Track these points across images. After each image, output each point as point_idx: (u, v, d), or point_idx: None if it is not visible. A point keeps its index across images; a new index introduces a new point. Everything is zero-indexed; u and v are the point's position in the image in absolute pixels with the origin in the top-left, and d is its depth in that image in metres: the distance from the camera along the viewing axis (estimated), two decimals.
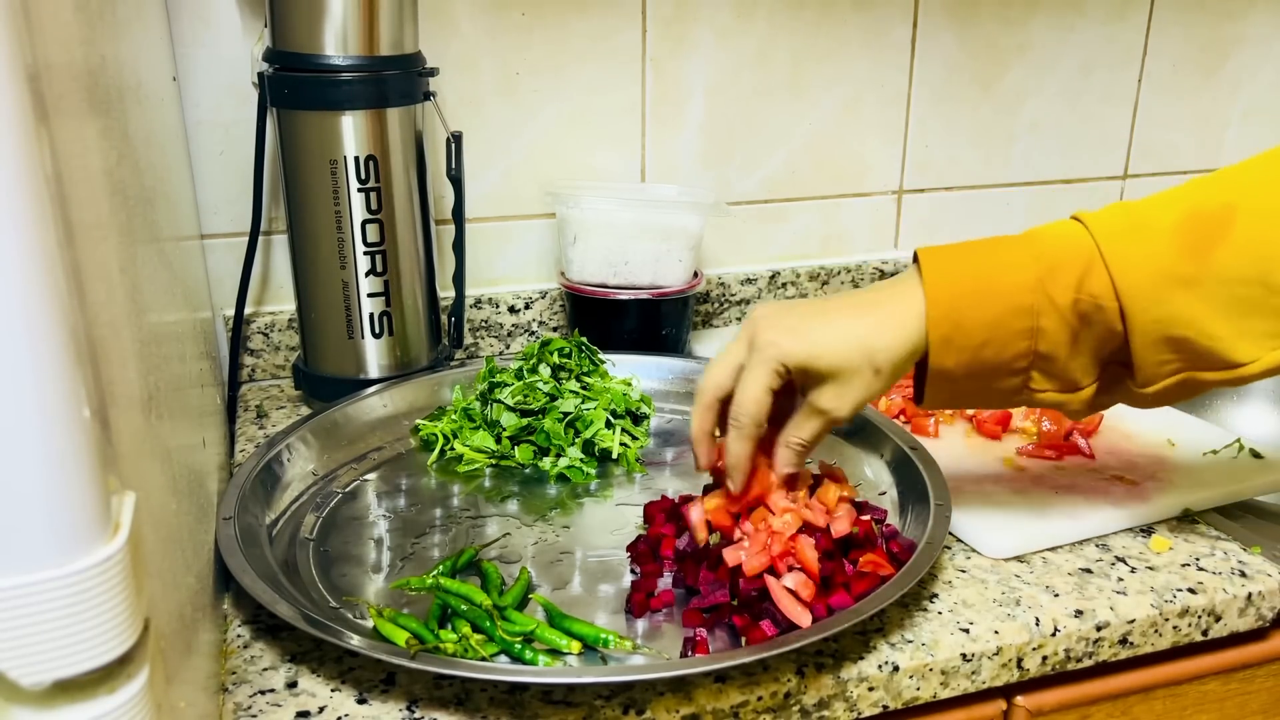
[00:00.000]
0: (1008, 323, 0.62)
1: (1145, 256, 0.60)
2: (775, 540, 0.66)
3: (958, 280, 0.63)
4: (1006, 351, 0.63)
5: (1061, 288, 0.62)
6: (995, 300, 0.62)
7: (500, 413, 0.88)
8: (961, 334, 0.62)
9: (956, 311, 0.62)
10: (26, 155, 0.30)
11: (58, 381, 0.31)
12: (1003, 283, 0.62)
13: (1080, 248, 0.62)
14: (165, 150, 0.76)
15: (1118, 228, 0.62)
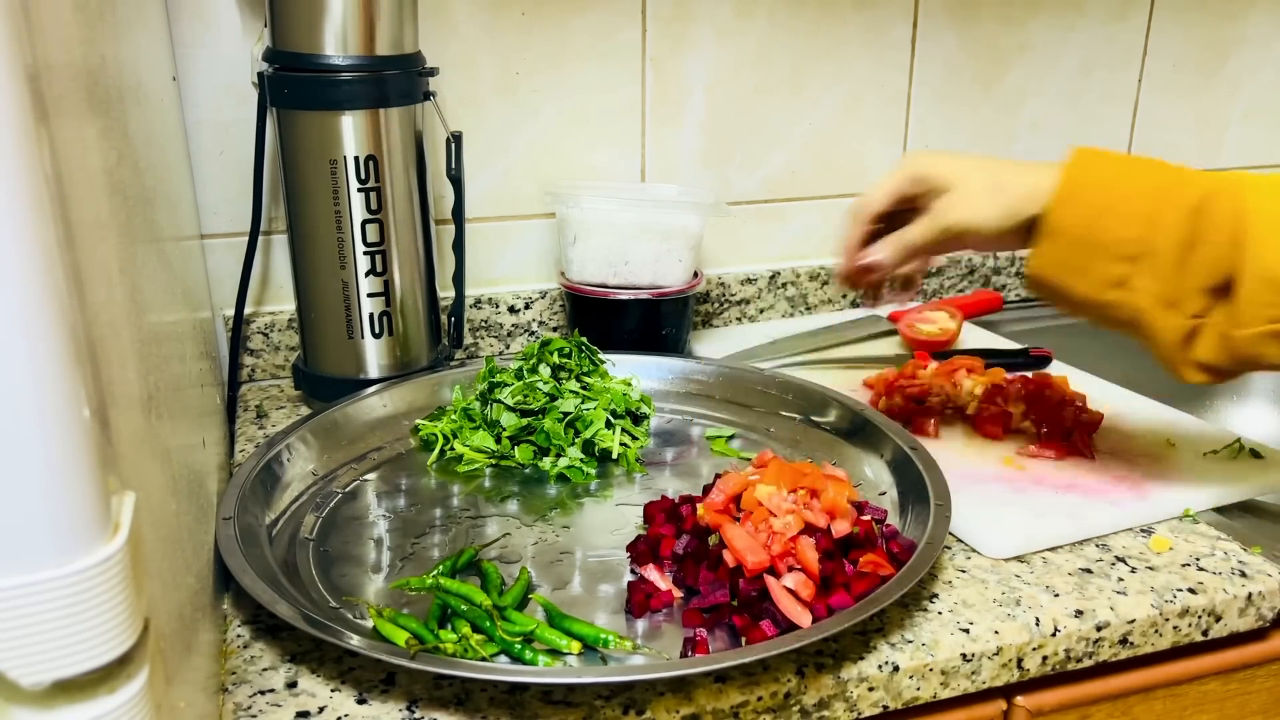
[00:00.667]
0: (1130, 201, 0.66)
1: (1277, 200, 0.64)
2: (775, 540, 0.66)
3: (1098, 157, 0.69)
4: (1121, 231, 0.66)
5: (1192, 188, 0.65)
6: (1126, 179, 0.67)
7: (500, 413, 0.88)
8: (1085, 193, 0.67)
9: (1086, 174, 0.68)
10: (26, 155, 0.30)
11: (57, 381, 0.31)
12: (1137, 171, 0.68)
13: (1223, 177, 0.66)
14: (165, 150, 0.76)
15: (1263, 179, 0.66)
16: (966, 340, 1.15)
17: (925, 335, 1.12)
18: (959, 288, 1.33)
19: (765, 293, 1.24)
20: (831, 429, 0.90)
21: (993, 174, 0.71)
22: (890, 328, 1.18)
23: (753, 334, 1.17)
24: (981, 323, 1.24)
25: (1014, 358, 1.08)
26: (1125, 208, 0.66)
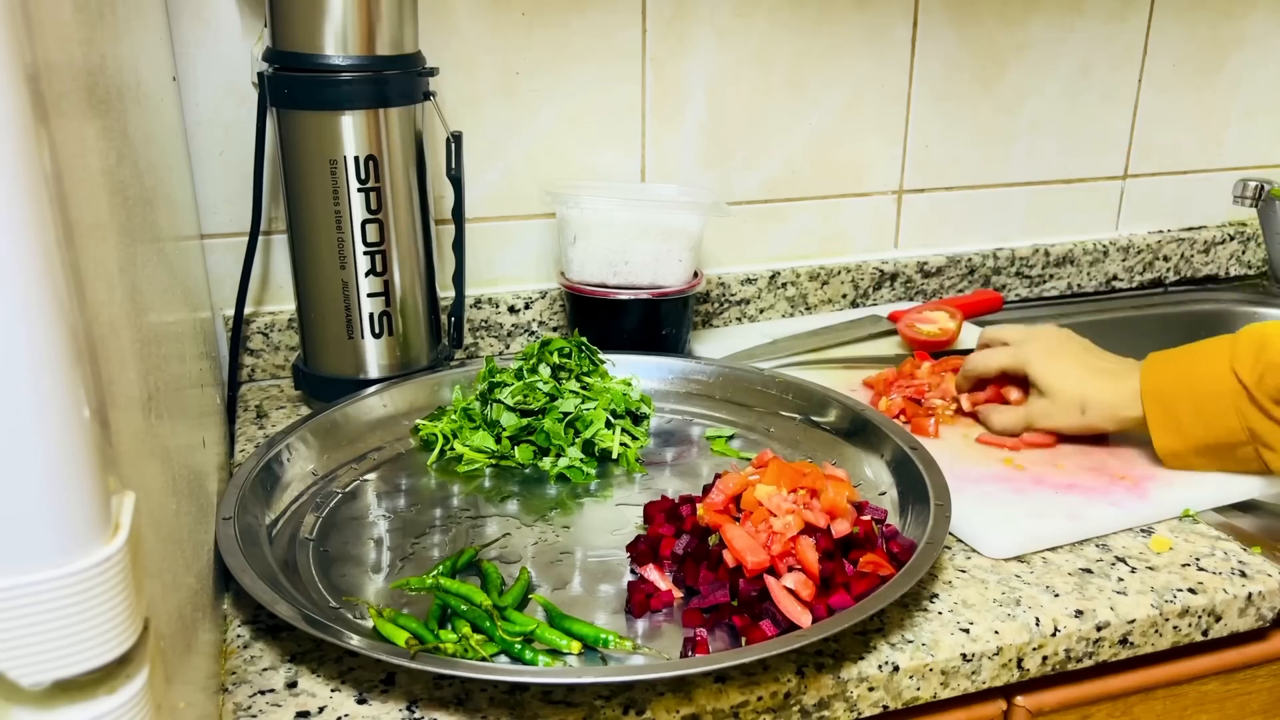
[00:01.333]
0: (1210, 403, 0.77)
1: None
2: (775, 540, 0.66)
3: (1165, 368, 0.81)
4: (1220, 427, 0.77)
5: (1246, 366, 0.75)
6: (1194, 381, 0.78)
7: (500, 413, 0.88)
8: (1172, 419, 0.79)
9: (1165, 395, 0.80)
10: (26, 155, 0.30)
11: (58, 381, 0.31)
12: (1200, 369, 0.78)
13: (1261, 332, 0.76)
14: (165, 150, 0.76)
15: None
16: (966, 340, 1.15)
17: (925, 335, 1.12)
18: (959, 288, 1.33)
19: (765, 293, 1.24)
20: (831, 429, 0.90)
21: (1083, 394, 0.84)
22: (890, 328, 1.18)
23: (753, 334, 1.17)
24: (981, 322, 1.24)
25: None
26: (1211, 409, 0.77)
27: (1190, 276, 1.44)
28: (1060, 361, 0.86)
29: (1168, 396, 0.80)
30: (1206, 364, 0.78)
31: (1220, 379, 0.77)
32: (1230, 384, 0.76)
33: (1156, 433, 0.80)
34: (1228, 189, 1.35)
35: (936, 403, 0.95)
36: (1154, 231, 1.41)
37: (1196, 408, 0.78)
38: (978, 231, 1.33)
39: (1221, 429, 0.77)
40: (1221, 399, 0.77)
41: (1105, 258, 1.38)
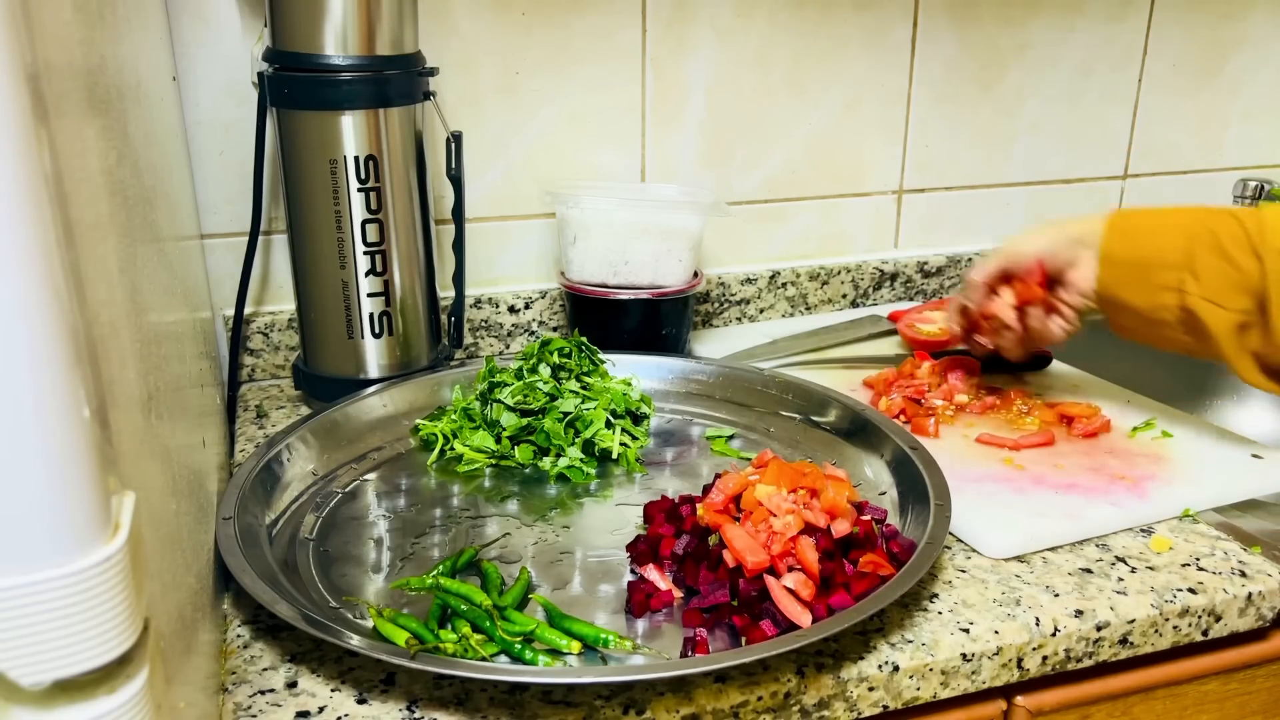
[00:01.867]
0: (1165, 221, 0.81)
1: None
2: (775, 540, 0.66)
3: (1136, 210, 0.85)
4: (1163, 244, 0.79)
5: (1221, 213, 0.79)
6: (1160, 213, 0.82)
7: (500, 413, 0.88)
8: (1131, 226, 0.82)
9: (1130, 216, 0.84)
10: (26, 155, 0.30)
11: (57, 381, 0.31)
12: (1171, 209, 0.82)
13: (1246, 209, 0.79)
14: (165, 150, 0.76)
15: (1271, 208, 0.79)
16: None
17: (925, 335, 1.12)
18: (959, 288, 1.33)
19: (765, 293, 1.24)
20: (831, 429, 0.90)
21: (1049, 221, 0.88)
22: (890, 328, 1.18)
23: (753, 334, 1.17)
24: None
25: None
26: (1166, 229, 0.80)
27: None
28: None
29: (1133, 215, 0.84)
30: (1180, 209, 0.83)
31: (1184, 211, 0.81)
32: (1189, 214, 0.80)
33: (1107, 233, 0.83)
34: (1228, 189, 1.35)
35: (936, 403, 0.95)
36: None
37: (1151, 225, 0.82)
38: (978, 231, 1.33)
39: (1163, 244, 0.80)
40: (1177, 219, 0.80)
41: None
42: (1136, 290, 0.82)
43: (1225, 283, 0.77)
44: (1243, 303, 0.77)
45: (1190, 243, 0.78)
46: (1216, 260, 0.77)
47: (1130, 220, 0.83)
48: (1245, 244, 0.77)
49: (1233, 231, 0.77)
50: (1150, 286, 0.81)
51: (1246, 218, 0.78)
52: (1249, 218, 0.78)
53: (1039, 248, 0.87)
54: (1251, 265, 0.76)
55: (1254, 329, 0.78)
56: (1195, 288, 0.78)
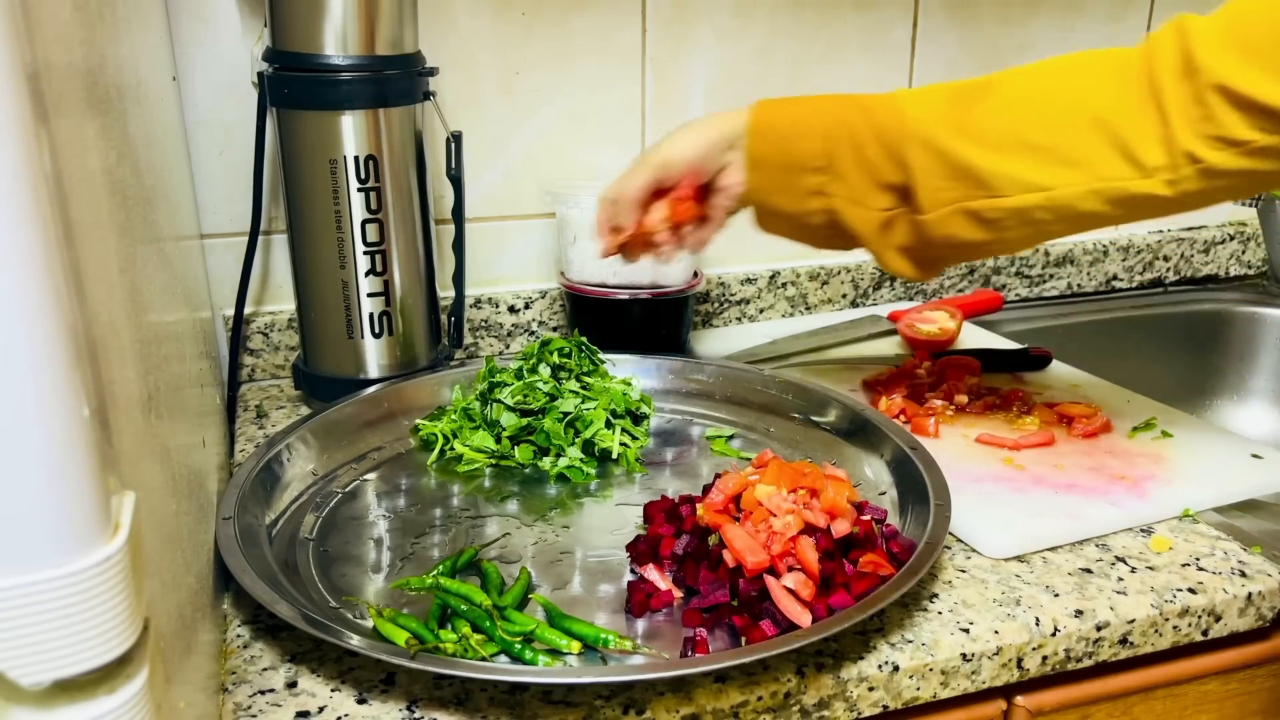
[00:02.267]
0: (806, 121, 0.78)
1: (926, 103, 0.75)
2: (775, 540, 0.66)
3: (780, 100, 0.81)
4: (806, 147, 0.77)
5: (858, 107, 0.77)
6: (801, 107, 0.79)
7: (500, 412, 0.88)
8: (772, 126, 0.79)
9: (771, 112, 0.80)
10: (26, 155, 0.30)
11: (57, 381, 0.31)
12: (813, 101, 0.80)
13: (881, 95, 0.78)
14: (165, 150, 0.76)
15: (911, 90, 0.78)
16: (966, 340, 1.15)
17: (925, 335, 1.12)
18: (959, 287, 1.33)
19: (765, 293, 1.24)
20: (831, 429, 0.90)
21: (697, 120, 0.82)
22: (890, 328, 1.18)
23: (753, 334, 1.17)
24: (981, 322, 1.24)
25: (1013, 358, 1.08)
26: (806, 129, 0.77)
27: (1190, 276, 1.44)
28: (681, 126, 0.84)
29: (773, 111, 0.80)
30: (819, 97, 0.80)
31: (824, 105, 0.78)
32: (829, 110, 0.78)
33: (751, 135, 0.79)
34: None
35: (936, 403, 0.95)
36: (1154, 231, 1.41)
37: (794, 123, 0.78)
38: None
39: (806, 148, 0.77)
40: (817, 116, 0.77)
41: (1105, 257, 1.38)
42: (784, 195, 0.79)
43: (867, 183, 0.76)
44: (885, 201, 0.76)
45: (831, 144, 0.76)
46: (857, 160, 0.75)
47: (773, 117, 0.79)
48: (884, 140, 0.75)
49: (872, 126, 0.75)
50: (796, 191, 0.78)
51: (883, 111, 0.76)
52: (886, 110, 0.76)
53: (690, 158, 0.81)
54: (892, 162, 0.75)
55: (899, 223, 0.77)
56: (839, 189, 0.76)
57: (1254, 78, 0.62)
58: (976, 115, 0.72)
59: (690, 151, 0.81)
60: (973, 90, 0.73)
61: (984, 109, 0.72)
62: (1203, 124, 0.64)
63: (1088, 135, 0.68)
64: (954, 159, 0.72)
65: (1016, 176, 0.70)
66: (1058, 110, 0.70)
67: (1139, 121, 0.66)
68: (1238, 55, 0.63)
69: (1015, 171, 0.70)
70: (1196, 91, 0.64)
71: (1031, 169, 0.70)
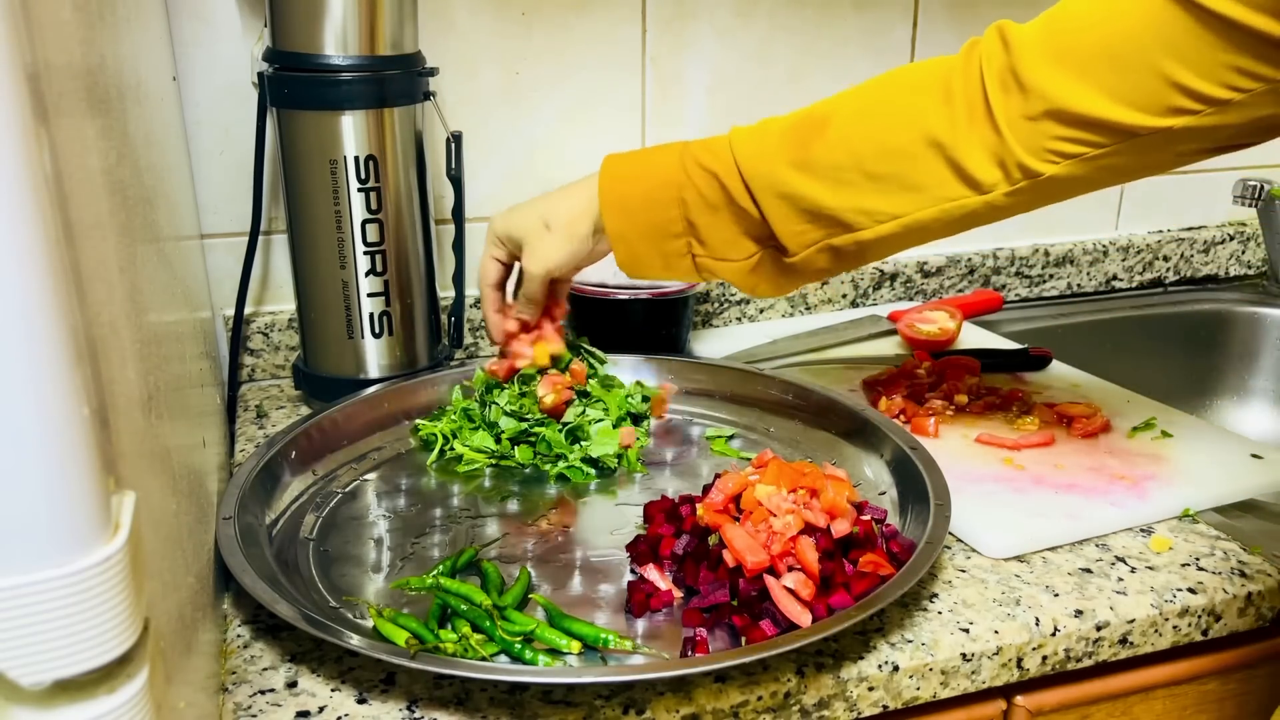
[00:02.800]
0: (659, 193, 0.77)
1: (763, 145, 0.74)
2: (775, 540, 0.66)
3: (622, 165, 0.80)
4: (663, 216, 0.77)
5: (696, 167, 0.76)
6: (649, 176, 0.78)
7: (498, 415, 0.88)
8: (624, 202, 0.78)
9: (621, 183, 0.79)
10: (26, 155, 0.30)
11: (58, 381, 0.31)
12: (655, 164, 0.78)
13: (716, 143, 0.76)
14: (165, 150, 0.76)
15: (745, 130, 0.76)
16: (966, 340, 1.15)
17: (925, 335, 1.12)
18: (959, 288, 1.33)
19: None
20: (831, 429, 0.90)
21: (539, 213, 0.82)
22: (890, 328, 1.18)
23: (753, 334, 1.17)
24: (981, 322, 1.24)
25: (1013, 358, 1.08)
26: (658, 199, 0.77)
27: (1190, 276, 1.44)
28: (521, 206, 0.84)
29: (623, 182, 0.79)
30: (661, 156, 0.78)
31: (670, 169, 0.77)
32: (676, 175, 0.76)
33: (607, 213, 0.78)
34: (1227, 189, 1.35)
35: (936, 403, 0.95)
36: (1154, 231, 1.41)
37: (646, 196, 0.77)
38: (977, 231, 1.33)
39: (663, 217, 0.77)
40: (668, 189, 0.76)
41: (1105, 257, 1.38)
42: (653, 258, 0.79)
43: (729, 239, 0.76)
44: (749, 249, 0.77)
45: (685, 210, 0.76)
46: (714, 221, 0.76)
47: (622, 190, 0.78)
48: (733, 196, 0.74)
49: (720, 183, 0.75)
50: (664, 254, 0.78)
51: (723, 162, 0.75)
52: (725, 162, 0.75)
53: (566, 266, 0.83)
54: (747, 215, 0.75)
55: (764, 262, 0.77)
56: (703, 250, 0.77)
57: (1080, 93, 0.62)
58: (816, 151, 0.72)
59: (565, 256, 0.82)
60: (807, 124, 0.73)
61: (822, 144, 0.72)
62: (1035, 139, 0.65)
63: (924, 159, 0.69)
64: (805, 202, 0.72)
65: (868, 209, 0.71)
66: (892, 136, 0.70)
67: (970, 139, 0.67)
68: (1062, 70, 0.63)
69: (865, 204, 0.71)
70: (1026, 109, 0.64)
71: (880, 199, 0.71)
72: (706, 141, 0.77)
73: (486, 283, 0.87)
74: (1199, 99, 0.60)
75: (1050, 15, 0.64)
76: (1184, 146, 0.63)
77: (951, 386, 0.97)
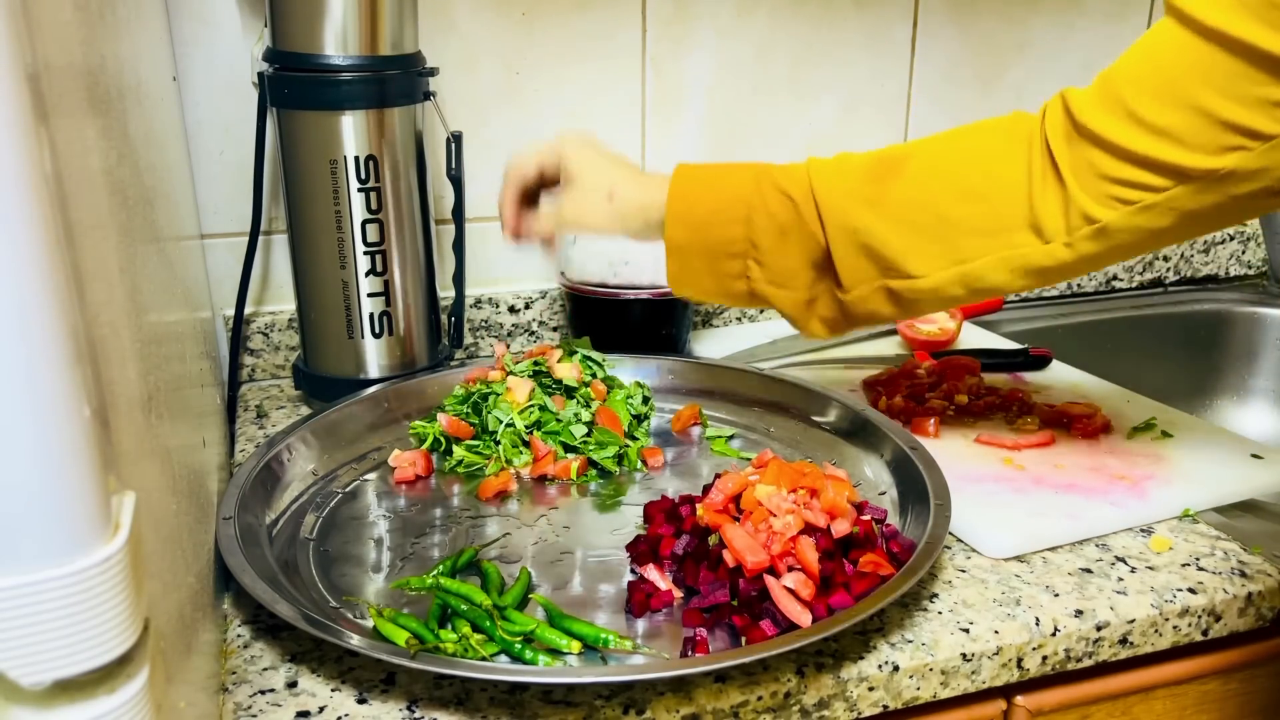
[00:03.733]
0: (727, 210, 0.76)
1: (840, 179, 0.74)
2: (775, 540, 0.66)
3: (694, 177, 0.78)
4: (726, 234, 0.76)
5: (772, 187, 0.75)
6: (720, 191, 0.77)
7: (495, 424, 0.87)
8: (690, 211, 0.77)
9: (688, 194, 0.77)
10: (26, 155, 0.30)
11: (58, 381, 0.31)
12: (728, 180, 0.77)
13: (794, 169, 0.76)
14: (165, 150, 0.76)
15: (825, 162, 0.76)
16: (966, 340, 1.15)
17: (925, 335, 1.12)
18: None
19: None
20: (831, 429, 0.90)
21: (611, 181, 0.80)
22: (890, 327, 1.18)
23: (753, 334, 1.17)
24: (981, 323, 1.24)
25: (1013, 358, 1.08)
26: (727, 216, 0.76)
27: (1190, 276, 1.44)
28: (596, 152, 0.82)
29: (692, 195, 0.77)
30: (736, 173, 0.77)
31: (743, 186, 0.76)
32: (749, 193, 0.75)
33: (671, 223, 0.77)
34: None
35: (936, 403, 0.95)
36: None
37: (714, 210, 0.76)
38: None
39: (726, 235, 0.76)
40: (737, 206, 0.76)
41: None
42: (705, 277, 0.78)
43: (790, 267, 0.75)
44: (808, 279, 0.76)
45: (751, 230, 0.75)
46: (779, 246, 0.75)
47: (691, 202, 0.77)
48: (803, 224, 0.74)
49: (792, 210, 0.74)
50: (717, 274, 0.77)
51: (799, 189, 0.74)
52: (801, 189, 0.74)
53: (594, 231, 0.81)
54: (812, 243, 0.74)
55: (821, 299, 0.77)
56: (761, 274, 0.76)
57: (1132, 133, 0.63)
58: (892, 189, 0.72)
59: (598, 227, 0.80)
60: (887, 162, 0.73)
61: (899, 182, 0.72)
62: (1095, 184, 0.65)
63: (999, 202, 0.69)
64: (871, 239, 0.72)
65: (931, 252, 0.71)
66: (971, 178, 0.70)
67: (1042, 187, 0.67)
68: (1114, 115, 0.64)
69: (930, 247, 0.71)
70: (1085, 155, 0.66)
71: (946, 244, 0.71)
72: (784, 166, 0.77)
73: (517, 173, 0.84)
74: (1247, 134, 0.60)
75: (1104, 72, 0.66)
76: (1241, 188, 0.63)
77: (951, 386, 0.97)
